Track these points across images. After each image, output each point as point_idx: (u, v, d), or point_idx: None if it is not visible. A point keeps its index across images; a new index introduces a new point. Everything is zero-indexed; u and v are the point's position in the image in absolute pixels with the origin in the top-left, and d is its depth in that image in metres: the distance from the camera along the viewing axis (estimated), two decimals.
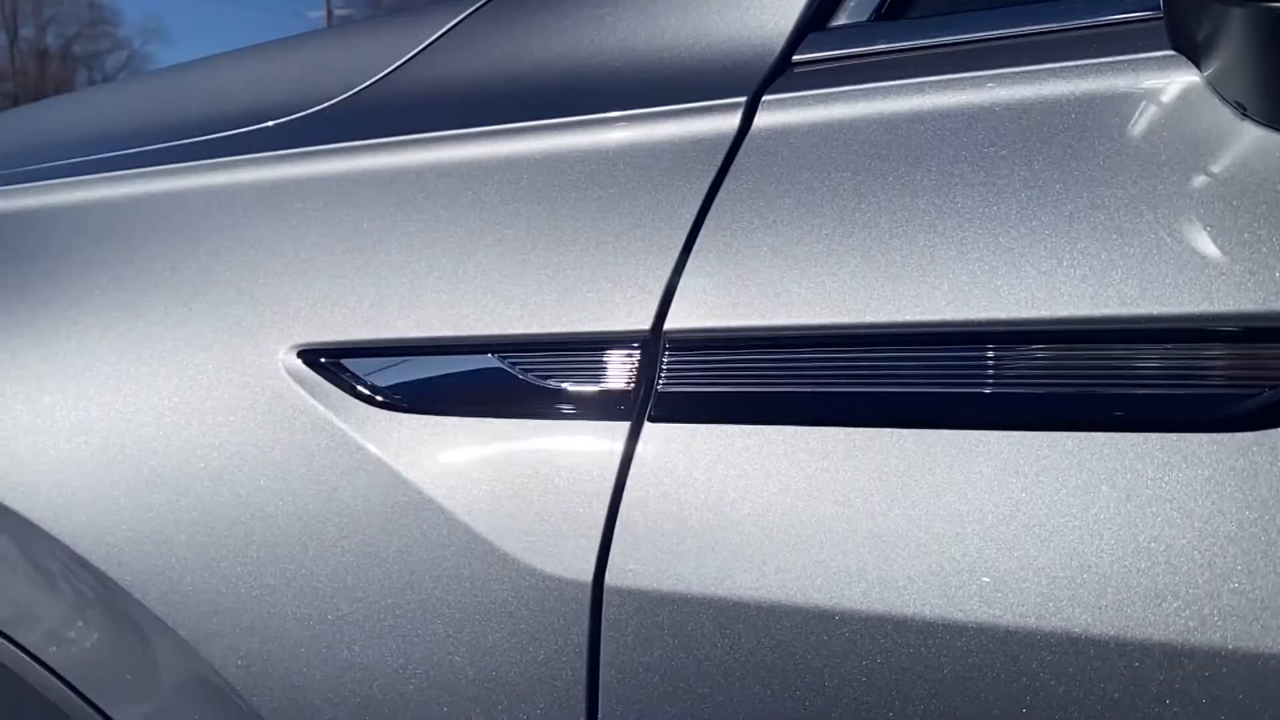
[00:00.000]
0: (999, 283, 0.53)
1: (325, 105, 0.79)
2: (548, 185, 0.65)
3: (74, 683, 0.75)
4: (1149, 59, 0.55)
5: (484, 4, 0.78)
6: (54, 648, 0.76)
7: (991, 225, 0.54)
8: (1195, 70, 0.54)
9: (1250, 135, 0.52)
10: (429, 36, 0.79)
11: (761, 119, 0.62)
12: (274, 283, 0.70)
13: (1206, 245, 0.50)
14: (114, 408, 0.71)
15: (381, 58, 0.80)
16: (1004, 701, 0.51)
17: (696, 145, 0.63)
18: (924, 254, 0.55)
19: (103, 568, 0.69)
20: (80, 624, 0.75)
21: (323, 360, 0.67)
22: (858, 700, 0.54)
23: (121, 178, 0.81)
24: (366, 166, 0.71)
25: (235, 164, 0.76)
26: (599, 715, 0.59)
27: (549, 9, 0.75)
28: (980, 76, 0.58)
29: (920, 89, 0.59)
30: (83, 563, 0.70)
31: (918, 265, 0.55)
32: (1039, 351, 0.53)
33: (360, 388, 0.66)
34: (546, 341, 0.62)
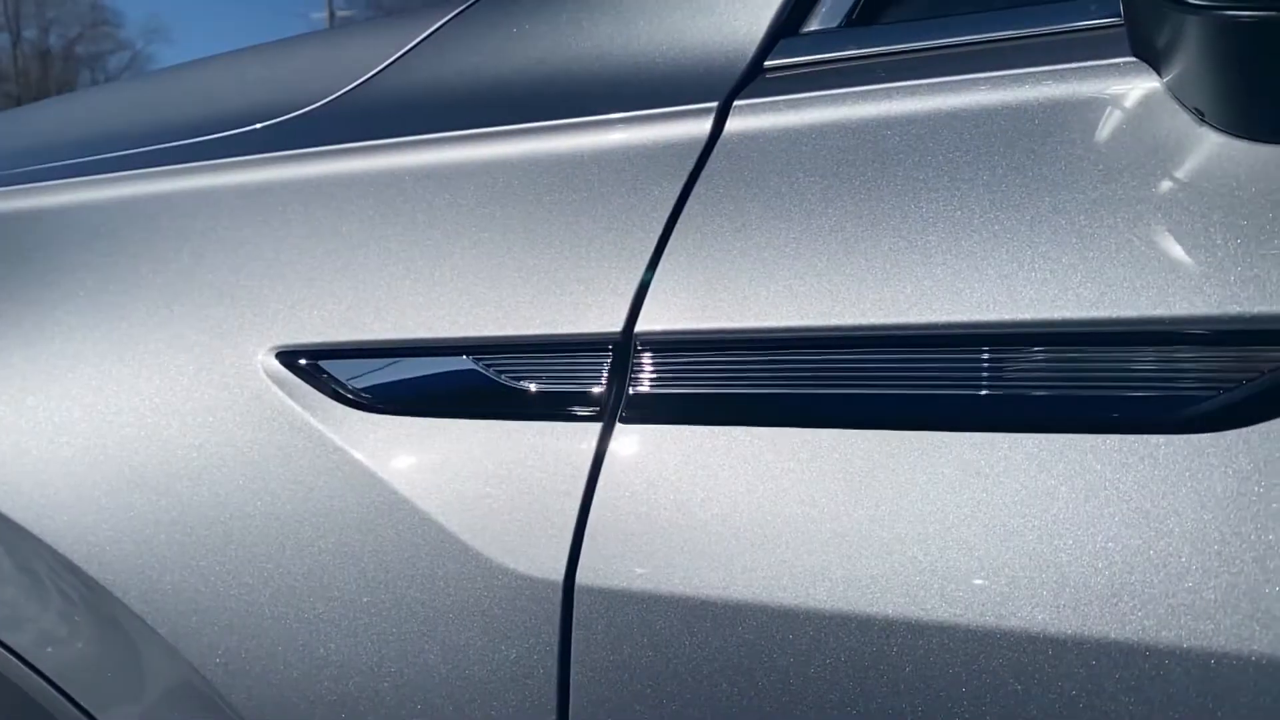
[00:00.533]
0: (961, 286, 0.54)
1: (308, 109, 0.80)
2: (523, 188, 0.66)
3: (61, 685, 0.76)
4: (1112, 65, 0.56)
5: (464, 9, 0.79)
6: (41, 649, 0.77)
7: (954, 229, 0.55)
8: (1156, 76, 0.54)
9: (1208, 140, 0.52)
10: (410, 41, 0.80)
11: (733, 124, 0.63)
12: (254, 285, 0.70)
13: (1164, 249, 0.51)
14: (96, 408, 0.71)
15: (363, 62, 0.81)
16: (965, 699, 0.52)
17: (669, 150, 0.63)
18: (888, 258, 0.56)
19: (84, 567, 0.70)
20: (66, 625, 0.76)
21: (301, 361, 0.68)
22: (822, 698, 0.54)
23: (109, 180, 0.82)
24: (345, 170, 0.71)
25: (219, 167, 0.77)
26: (570, 713, 0.60)
27: (527, 15, 0.75)
28: (947, 82, 0.59)
29: (888, 94, 0.60)
30: (66, 563, 0.71)
31: (881, 269, 0.56)
32: (1001, 354, 0.53)
33: (337, 389, 0.66)
34: (520, 343, 0.63)
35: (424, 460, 0.63)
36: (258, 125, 0.81)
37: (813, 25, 0.67)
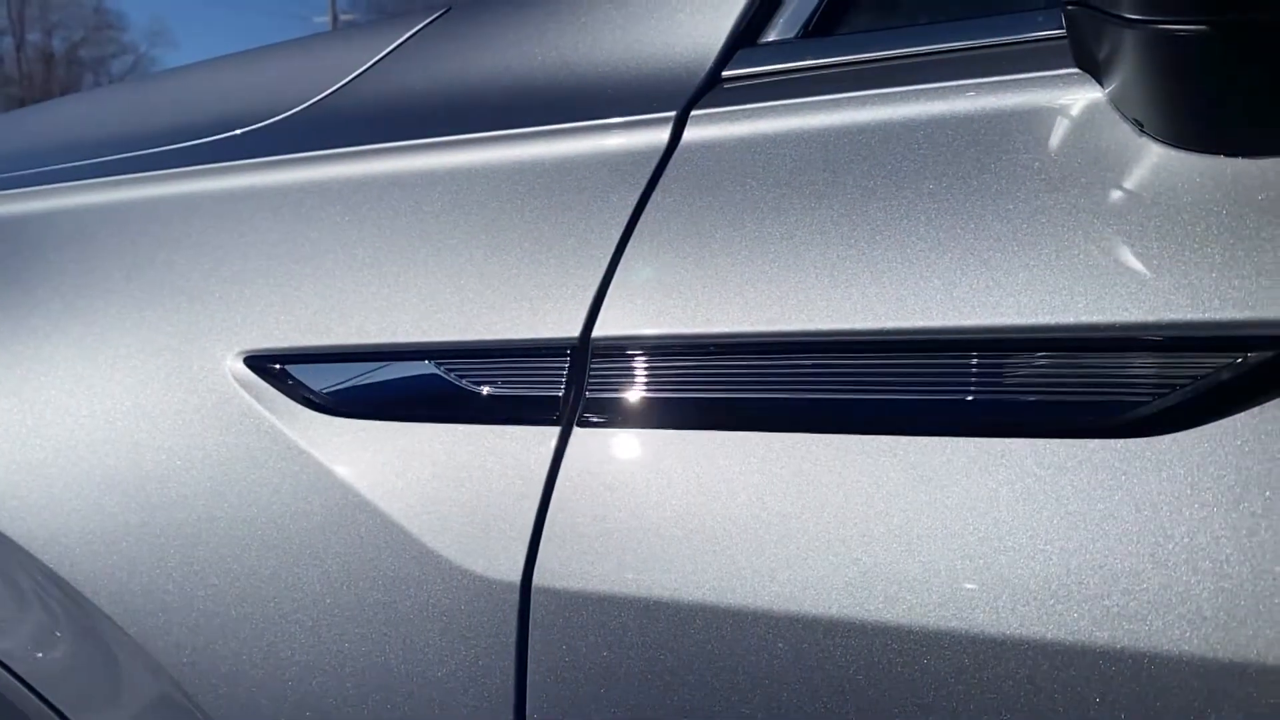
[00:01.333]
0: (904, 293, 0.55)
1: (281, 117, 0.81)
2: (486, 196, 0.67)
3: (37, 687, 0.77)
4: (1057, 76, 0.57)
5: (434, 19, 0.80)
6: (16, 652, 0.78)
7: (899, 237, 0.56)
8: (1099, 88, 0.55)
9: (1146, 151, 0.53)
10: (381, 51, 0.81)
11: (690, 133, 0.64)
12: (224, 290, 0.72)
13: (1102, 257, 0.52)
14: (68, 411, 0.73)
15: (336, 71, 0.82)
16: (906, 699, 0.53)
17: (627, 158, 0.64)
18: (835, 265, 0.57)
19: (56, 568, 0.71)
20: (40, 627, 0.77)
21: (268, 366, 0.69)
22: (770, 697, 0.55)
23: (86, 187, 0.83)
24: (313, 177, 0.73)
25: (193, 174, 0.78)
26: (527, 711, 0.61)
27: (494, 26, 0.77)
28: (897, 93, 0.60)
29: (839, 105, 0.61)
30: (38, 565, 0.72)
31: (830, 276, 0.57)
32: (944, 360, 0.54)
33: (303, 393, 0.67)
34: (481, 348, 0.64)
35: (386, 463, 0.65)
36: (231, 133, 0.82)
37: (771, 36, 0.68)
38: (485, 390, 0.64)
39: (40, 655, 0.77)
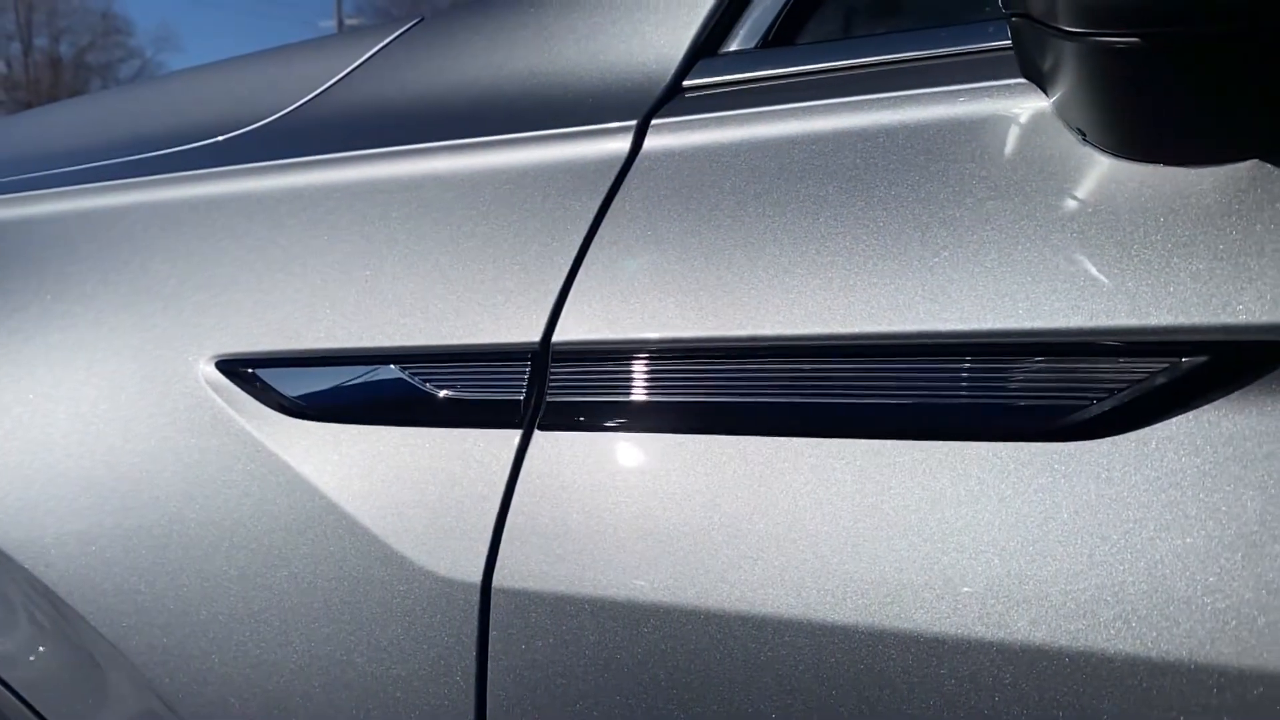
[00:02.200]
0: (852, 300, 0.56)
1: (255, 126, 0.83)
2: (452, 203, 0.68)
3: (17, 689, 0.78)
4: (1006, 86, 0.58)
5: (406, 30, 0.82)
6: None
7: (848, 244, 0.57)
8: (1044, 97, 0.56)
9: (1088, 160, 0.54)
10: (355, 61, 0.82)
11: (650, 142, 0.65)
12: (198, 295, 0.73)
13: (1043, 263, 0.53)
14: (44, 413, 0.74)
15: (311, 81, 0.83)
16: (852, 698, 0.54)
17: (589, 167, 0.66)
18: (786, 272, 0.58)
19: (29, 567, 0.72)
20: (20, 630, 0.79)
21: (240, 370, 0.70)
22: (722, 697, 0.56)
23: (65, 194, 0.85)
24: (286, 185, 0.74)
25: (169, 181, 0.80)
26: (487, 709, 0.62)
27: (464, 36, 0.78)
28: (850, 102, 0.61)
29: (795, 114, 0.62)
30: (15, 567, 0.73)
31: (781, 282, 0.58)
32: (890, 364, 0.55)
33: (272, 396, 0.69)
34: (444, 353, 0.65)
35: (352, 466, 0.66)
36: (208, 140, 0.83)
37: (732, 46, 0.69)
38: (449, 394, 0.65)
39: (18, 656, 0.79)
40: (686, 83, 0.68)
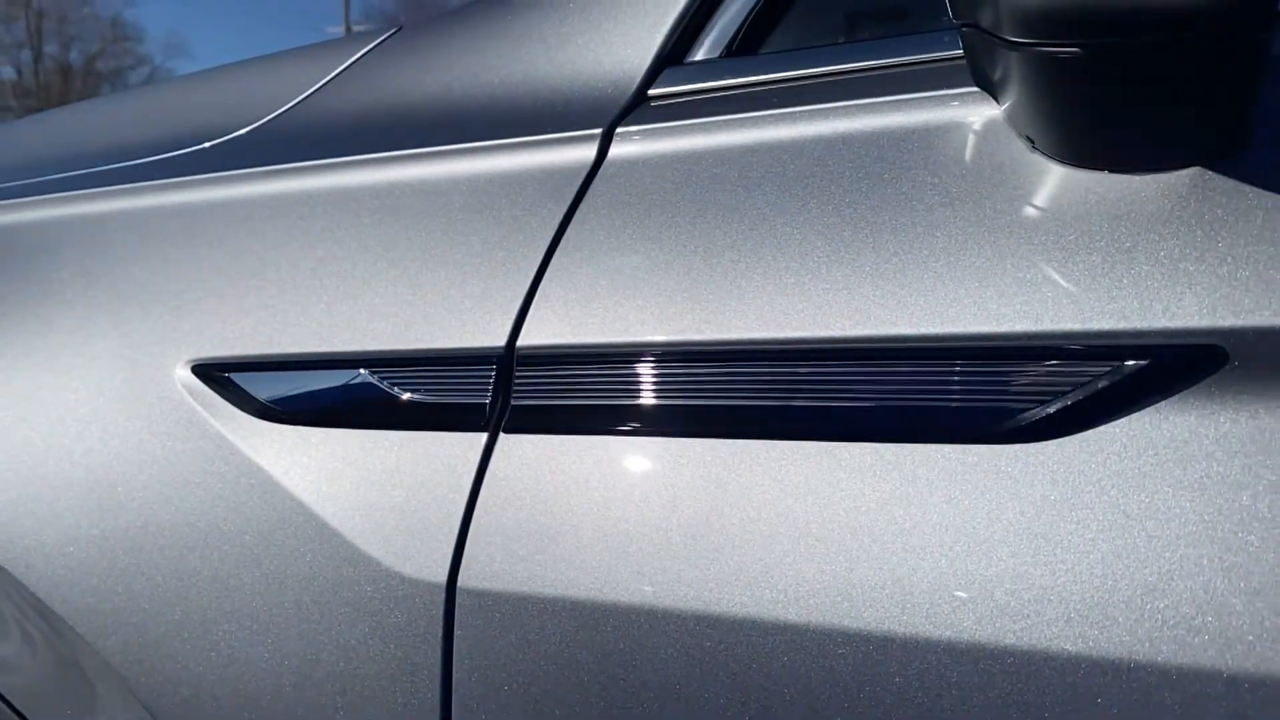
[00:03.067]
0: (806, 304, 0.57)
1: (237, 134, 0.84)
2: (421, 210, 0.69)
3: (3, 694, 0.80)
4: (960, 94, 0.59)
5: (384, 39, 0.83)
6: None
7: (801, 250, 0.58)
8: (996, 105, 0.57)
9: (1037, 167, 0.55)
10: (333, 70, 0.84)
11: (615, 150, 0.66)
12: (174, 301, 0.74)
13: (990, 268, 0.54)
14: (25, 417, 0.75)
15: (290, 90, 0.85)
16: (802, 695, 0.54)
17: (555, 174, 0.67)
18: (743, 277, 0.59)
19: (11, 570, 0.73)
20: (7, 634, 0.80)
21: (215, 374, 0.71)
22: (679, 693, 0.57)
23: (48, 201, 0.86)
24: (261, 192, 0.75)
25: (150, 189, 0.81)
26: (453, 707, 0.63)
27: (439, 45, 0.79)
28: (811, 110, 0.62)
29: (755, 122, 0.63)
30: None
31: (737, 287, 0.59)
32: (841, 367, 0.56)
33: (246, 400, 0.70)
34: (412, 357, 0.66)
35: (322, 468, 0.67)
36: (189, 149, 0.85)
37: (697, 55, 0.70)
38: (416, 398, 0.66)
39: (2, 659, 0.80)
40: (652, 91, 0.69)
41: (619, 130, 0.67)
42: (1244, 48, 0.47)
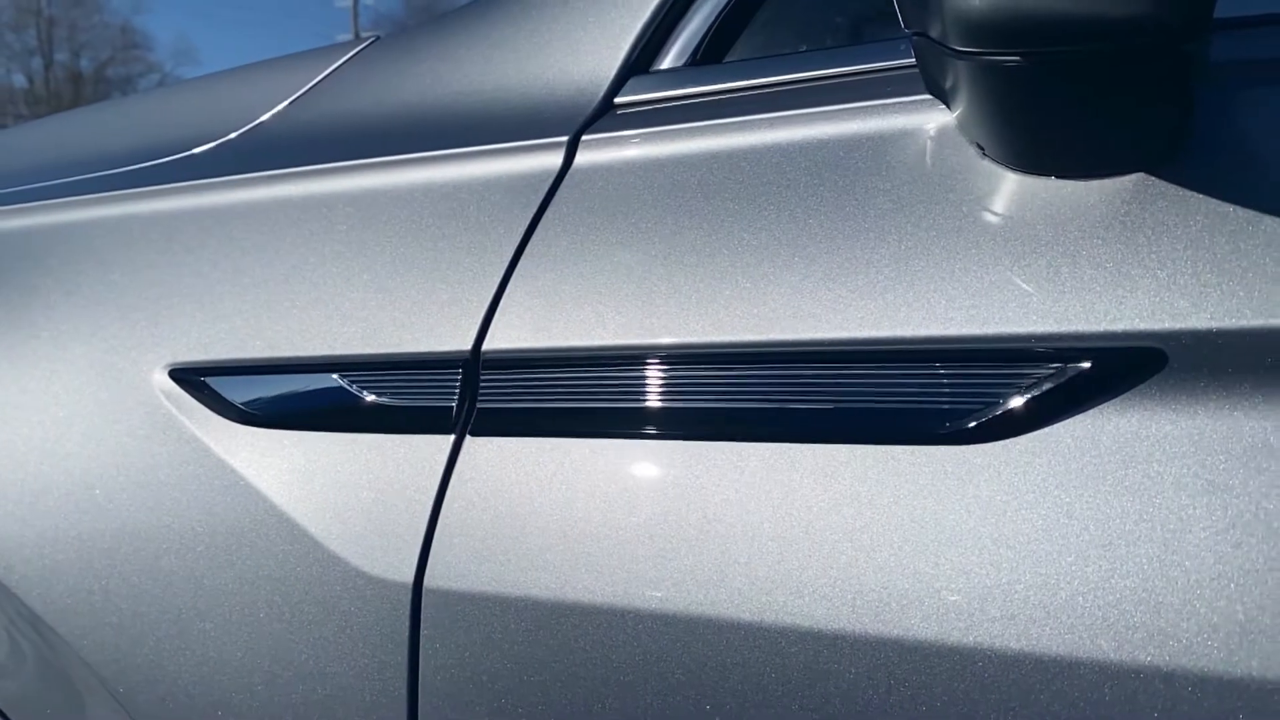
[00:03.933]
0: (763, 308, 0.58)
1: (215, 143, 0.85)
2: (391, 217, 0.71)
3: None
4: (916, 101, 0.60)
5: (361, 49, 0.85)
6: None
7: (759, 255, 0.59)
8: (949, 113, 0.58)
9: (987, 173, 0.56)
10: (311, 80, 0.85)
11: (581, 157, 0.67)
12: (154, 307, 0.76)
13: (940, 271, 0.55)
14: (4, 421, 0.77)
15: (268, 100, 0.86)
16: (758, 693, 0.55)
17: (521, 181, 0.68)
18: (701, 282, 0.60)
19: None
20: None
21: (191, 378, 0.73)
22: (640, 691, 0.58)
23: (32, 209, 0.88)
24: (236, 200, 0.77)
25: (130, 197, 0.83)
26: (419, 703, 0.64)
27: (413, 54, 0.80)
28: (772, 118, 0.63)
29: (718, 130, 0.64)
30: None
31: (695, 291, 0.60)
32: (793, 370, 0.57)
33: (221, 404, 0.71)
34: (381, 361, 0.67)
35: (294, 470, 0.68)
36: (168, 158, 0.86)
37: (663, 64, 0.72)
38: (385, 401, 0.67)
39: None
40: (618, 99, 0.70)
41: (585, 138, 0.68)
42: (1180, 56, 0.48)
